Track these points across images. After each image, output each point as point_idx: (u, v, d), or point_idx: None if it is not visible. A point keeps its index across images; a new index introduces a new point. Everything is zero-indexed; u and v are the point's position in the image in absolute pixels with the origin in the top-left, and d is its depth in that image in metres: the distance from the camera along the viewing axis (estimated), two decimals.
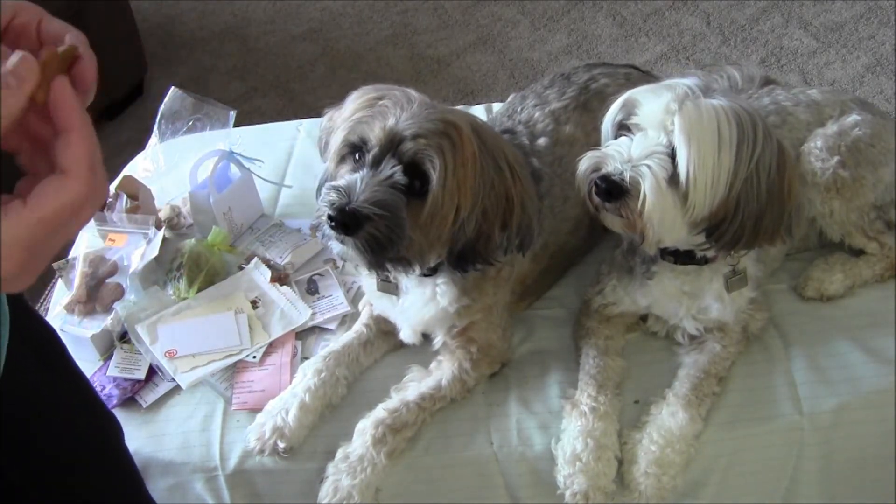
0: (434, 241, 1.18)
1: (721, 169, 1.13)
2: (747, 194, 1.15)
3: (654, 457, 1.24)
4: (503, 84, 3.20)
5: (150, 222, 1.65)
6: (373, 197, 1.11)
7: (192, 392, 1.41)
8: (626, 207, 1.16)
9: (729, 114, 1.14)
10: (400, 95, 1.18)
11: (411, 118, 1.14)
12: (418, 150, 1.12)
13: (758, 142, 1.15)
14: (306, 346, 1.48)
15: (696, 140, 1.12)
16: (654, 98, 1.17)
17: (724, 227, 1.17)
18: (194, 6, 3.77)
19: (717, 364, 1.33)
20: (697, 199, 1.14)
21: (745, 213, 1.16)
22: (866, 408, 1.32)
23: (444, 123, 1.15)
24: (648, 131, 1.17)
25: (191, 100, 1.83)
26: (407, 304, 1.35)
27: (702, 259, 1.27)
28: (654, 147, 1.15)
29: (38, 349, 0.99)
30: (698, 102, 1.14)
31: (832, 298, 1.45)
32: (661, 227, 1.16)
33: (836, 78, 3.04)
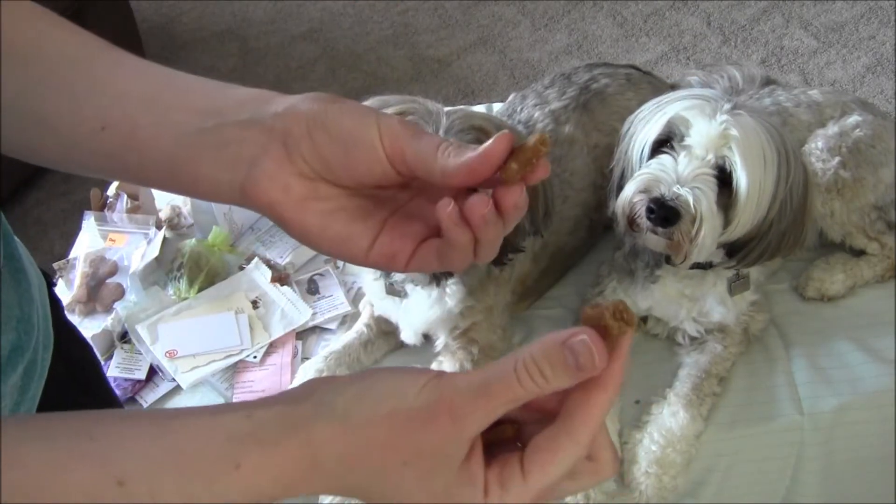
0: None
1: (765, 190, 1.13)
2: (780, 215, 1.15)
3: (654, 456, 1.24)
4: (503, 84, 3.20)
5: (150, 222, 1.65)
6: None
7: (192, 392, 1.41)
8: (678, 231, 1.13)
9: (768, 135, 1.13)
10: (421, 109, 1.16)
11: (447, 133, 1.12)
12: None
13: (791, 162, 1.14)
14: (307, 346, 1.48)
15: (749, 162, 1.11)
16: (706, 119, 1.13)
17: (751, 247, 1.17)
18: (194, 6, 3.77)
19: (717, 364, 1.33)
20: (743, 221, 1.13)
21: (773, 233, 1.16)
22: (866, 408, 1.32)
23: (476, 131, 1.14)
24: (695, 150, 1.14)
25: None
26: (411, 305, 1.34)
27: (707, 264, 1.27)
28: (702, 168, 1.12)
29: (76, 370, 0.97)
30: (745, 122, 1.12)
31: (833, 299, 1.45)
32: (703, 247, 1.14)
33: (836, 78, 3.04)
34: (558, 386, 0.49)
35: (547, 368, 0.49)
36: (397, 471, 0.50)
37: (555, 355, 0.49)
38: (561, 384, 0.49)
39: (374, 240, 0.57)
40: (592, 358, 0.49)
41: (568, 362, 0.49)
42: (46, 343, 0.79)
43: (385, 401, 0.50)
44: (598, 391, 0.50)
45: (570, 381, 0.49)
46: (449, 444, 0.49)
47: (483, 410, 0.49)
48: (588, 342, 0.49)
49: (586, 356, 0.49)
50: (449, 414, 0.49)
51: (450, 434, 0.49)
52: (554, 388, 0.50)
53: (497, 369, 0.50)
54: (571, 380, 0.49)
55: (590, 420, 0.50)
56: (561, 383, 0.49)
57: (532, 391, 0.49)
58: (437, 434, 0.49)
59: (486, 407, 0.49)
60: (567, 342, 0.49)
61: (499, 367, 0.50)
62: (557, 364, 0.49)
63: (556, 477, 0.50)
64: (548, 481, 0.50)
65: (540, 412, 0.53)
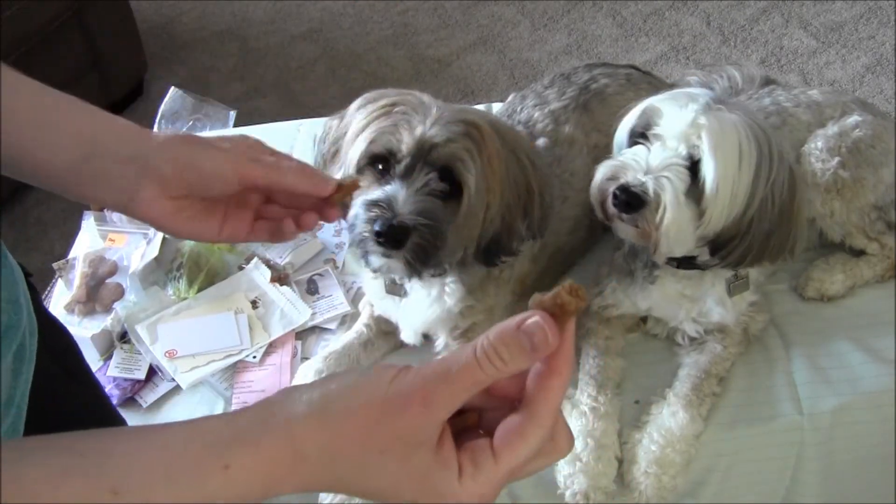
0: (469, 240, 1.18)
1: (740, 185, 1.13)
2: (760, 214, 1.15)
3: (654, 456, 1.24)
4: (503, 84, 3.20)
5: None
6: (417, 208, 1.09)
7: (192, 392, 1.41)
8: (643, 219, 1.14)
9: (748, 131, 1.13)
10: (413, 100, 1.16)
11: (436, 123, 1.12)
12: (451, 155, 1.12)
13: (773, 162, 1.14)
14: (306, 346, 1.48)
15: (721, 154, 1.11)
16: (678, 108, 1.15)
17: (732, 245, 1.17)
18: (194, 6, 3.77)
19: (717, 364, 1.32)
20: (715, 214, 1.13)
21: (755, 233, 1.15)
22: (866, 408, 1.32)
23: (466, 125, 1.14)
24: (668, 141, 1.15)
25: (191, 100, 1.84)
26: (411, 305, 1.34)
27: (704, 264, 1.27)
28: (673, 158, 1.14)
29: (60, 357, 0.99)
30: (721, 116, 1.13)
31: (833, 299, 1.45)
32: (675, 239, 1.15)
33: (836, 78, 3.04)
34: (516, 367, 0.54)
35: (504, 351, 0.54)
36: (376, 459, 0.53)
37: (511, 339, 0.54)
38: (518, 365, 0.54)
39: (222, 225, 0.82)
40: (546, 337, 0.53)
41: (524, 344, 0.54)
42: (32, 329, 0.81)
43: (360, 393, 0.54)
44: (554, 377, 0.56)
45: (527, 361, 0.55)
46: (423, 428, 0.53)
47: (450, 394, 0.54)
48: (540, 322, 0.54)
49: (540, 336, 0.53)
50: (420, 400, 0.53)
51: (423, 419, 0.53)
52: (512, 370, 0.54)
53: (459, 356, 0.55)
54: (527, 360, 0.55)
55: (551, 404, 0.56)
56: (518, 364, 0.54)
57: (492, 374, 0.54)
58: (411, 420, 0.53)
59: (452, 391, 0.54)
60: (521, 326, 0.54)
61: (461, 354, 0.55)
62: (514, 347, 0.54)
63: (524, 458, 0.55)
64: (517, 461, 0.55)
65: (500, 399, 0.58)
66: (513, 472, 0.56)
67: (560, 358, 0.55)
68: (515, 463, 0.55)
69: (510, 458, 0.55)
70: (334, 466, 0.54)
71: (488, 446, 0.55)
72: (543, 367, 0.56)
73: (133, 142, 0.77)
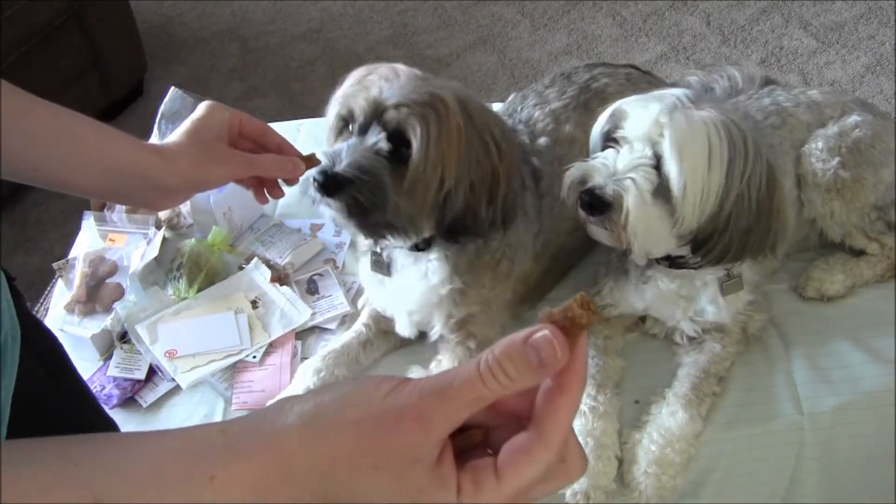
0: (420, 208, 1.19)
1: (711, 184, 1.13)
2: (738, 211, 1.14)
3: (654, 456, 1.24)
4: (503, 84, 3.20)
5: (149, 222, 1.65)
6: (355, 162, 1.14)
7: (192, 392, 1.41)
8: (609, 221, 1.16)
9: (720, 128, 1.13)
10: (387, 70, 1.22)
11: (396, 89, 1.17)
12: (401, 119, 1.15)
13: (749, 158, 1.14)
14: (306, 346, 1.48)
15: (686, 153, 1.12)
16: (642, 109, 1.16)
17: (711, 243, 1.17)
18: (194, 6, 3.77)
19: (716, 364, 1.32)
20: (686, 213, 1.14)
21: (733, 230, 1.15)
22: (866, 408, 1.32)
23: (430, 96, 1.16)
24: (634, 143, 1.16)
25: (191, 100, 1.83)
26: (399, 283, 1.35)
27: (688, 262, 1.27)
28: (639, 160, 1.15)
29: (46, 360, 0.99)
30: (689, 114, 1.14)
31: (832, 299, 1.45)
32: (647, 239, 1.17)
33: (836, 78, 3.04)
34: (522, 384, 0.50)
35: (510, 367, 0.50)
36: (369, 475, 0.50)
37: (517, 354, 0.50)
38: (525, 382, 0.50)
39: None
40: (554, 352, 0.49)
41: (530, 359, 0.50)
42: (14, 334, 0.81)
43: (352, 407, 0.51)
44: (563, 395, 0.51)
45: (534, 378, 0.50)
46: (417, 446, 0.50)
47: (449, 411, 0.50)
48: (549, 337, 0.50)
49: (548, 351, 0.49)
50: (415, 417, 0.50)
51: (418, 436, 0.50)
52: (518, 387, 0.50)
53: (461, 371, 0.51)
54: (535, 377, 0.50)
55: (560, 423, 0.51)
56: (525, 381, 0.50)
57: (496, 391, 0.50)
58: (405, 437, 0.50)
59: (451, 408, 0.50)
60: (529, 340, 0.50)
61: (463, 369, 0.51)
62: (520, 362, 0.50)
63: (529, 480, 0.51)
64: (521, 484, 0.51)
65: (507, 416, 0.54)
66: (517, 495, 0.51)
67: (571, 374, 0.51)
68: (520, 485, 0.51)
69: (514, 479, 0.51)
70: (325, 481, 0.51)
71: (491, 466, 0.51)
72: (553, 383, 0.52)
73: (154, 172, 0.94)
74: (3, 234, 2.79)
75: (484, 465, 0.52)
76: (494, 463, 0.51)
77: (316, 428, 0.51)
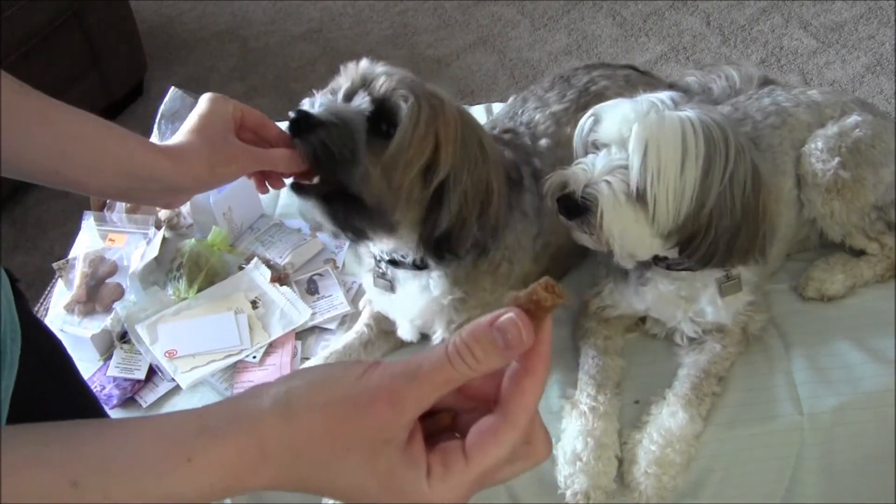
0: (396, 191, 1.14)
1: (686, 182, 1.13)
2: (721, 210, 1.14)
3: (654, 456, 1.24)
4: (503, 84, 3.20)
5: (149, 222, 1.65)
6: (331, 107, 1.11)
7: (192, 392, 1.41)
8: (587, 224, 1.17)
9: (696, 126, 1.13)
10: (364, 68, 1.18)
11: (388, 68, 1.16)
12: (389, 87, 1.12)
13: (730, 157, 1.14)
14: (306, 347, 1.48)
15: (654, 152, 1.12)
16: (613, 112, 1.18)
17: (696, 243, 1.17)
18: (194, 6, 3.77)
19: (717, 364, 1.32)
20: (660, 212, 1.14)
21: (717, 230, 1.15)
22: (866, 408, 1.32)
23: (425, 89, 1.15)
24: (612, 147, 1.18)
25: (191, 100, 1.83)
26: (402, 296, 1.35)
27: (688, 265, 1.27)
28: (615, 162, 1.16)
29: (47, 361, 0.99)
30: (662, 114, 1.14)
31: (833, 299, 1.45)
32: (627, 241, 1.17)
33: (836, 78, 3.04)
34: (489, 366, 0.52)
35: (477, 349, 0.52)
36: (341, 457, 0.52)
37: (483, 336, 0.52)
38: (492, 364, 0.52)
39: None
40: (519, 333, 0.51)
41: (496, 341, 0.51)
42: (14, 336, 0.81)
43: (324, 390, 0.52)
44: (529, 377, 0.53)
45: (500, 359, 0.52)
46: (388, 428, 0.52)
47: (419, 393, 0.52)
48: (514, 318, 0.52)
49: (514, 332, 0.51)
50: (387, 399, 0.52)
51: (388, 418, 0.51)
52: (485, 369, 0.52)
53: (431, 354, 0.53)
54: (501, 359, 0.52)
55: (525, 405, 0.53)
56: (491, 363, 0.52)
57: (464, 373, 0.52)
58: (376, 419, 0.51)
59: (421, 390, 0.52)
60: (495, 323, 0.52)
61: (433, 353, 0.53)
62: (487, 344, 0.52)
63: (496, 460, 0.53)
64: (489, 464, 0.53)
65: (474, 399, 0.56)
66: (485, 475, 0.53)
67: (536, 357, 0.53)
68: (487, 465, 0.53)
69: (481, 459, 0.53)
70: (299, 464, 0.52)
71: (460, 448, 0.53)
72: (519, 366, 0.54)
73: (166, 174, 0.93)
74: (3, 234, 2.80)
75: (453, 447, 0.53)
76: (463, 445, 0.53)
77: (289, 410, 0.52)
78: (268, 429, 0.52)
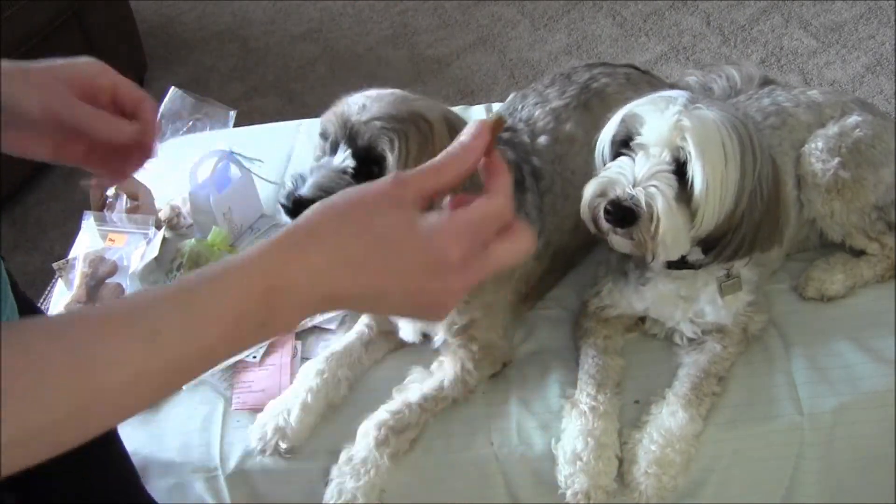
0: None
1: (729, 182, 1.13)
2: (751, 207, 1.15)
3: (654, 456, 1.24)
4: (503, 84, 3.21)
5: (150, 222, 1.65)
6: (317, 183, 1.12)
7: (192, 392, 1.41)
8: (638, 231, 1.14)
9: (728, 127, 1.13)
10: (374, 91, 1.19)
11: (370, 106, 1.15)
12: (372, 134, 1.13)
13: (757, 154, 1.14)
14: (306, 347, 1.48)
15: (706, 154, 1.11)
16: (658, 113, 1.15)
17: (725, 241, 1.17)
18: (194, 6, 3.77)
19: (717, 364, 1.32)
20: (707, 214, 1.13)
21: (746, 226, 1.16)
22: (866, 408, 1.32)
23: (411, 114, 1.15)
24: (651, 149, 1.15)
25: (191, 100, 1.84)
26: None
27: (695, 264, 1.27)
28: (658, 166, 1.13)
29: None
30: (701, 115, 1.13)
31: (833, 299, 1.45)
32: (672, 245, 1.15)
33: (836, 78, 3.04)
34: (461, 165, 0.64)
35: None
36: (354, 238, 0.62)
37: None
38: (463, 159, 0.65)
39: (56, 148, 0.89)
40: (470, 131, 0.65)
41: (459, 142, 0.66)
42: (12, 316, 0.83)
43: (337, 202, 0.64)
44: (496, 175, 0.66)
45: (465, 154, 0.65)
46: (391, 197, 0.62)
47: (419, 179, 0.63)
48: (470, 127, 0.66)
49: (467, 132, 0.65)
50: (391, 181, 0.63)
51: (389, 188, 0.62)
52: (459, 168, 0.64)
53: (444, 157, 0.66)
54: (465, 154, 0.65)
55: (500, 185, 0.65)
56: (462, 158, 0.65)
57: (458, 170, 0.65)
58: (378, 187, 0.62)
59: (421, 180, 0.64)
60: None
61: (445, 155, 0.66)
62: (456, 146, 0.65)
63: (479, 214, 0.63)
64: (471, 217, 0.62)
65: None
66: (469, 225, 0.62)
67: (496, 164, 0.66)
68: (469, 217, 0.62)
69: (464, 213, 0.62)
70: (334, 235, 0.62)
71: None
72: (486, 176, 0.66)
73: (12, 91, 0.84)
74: (3, 234, 2.80)
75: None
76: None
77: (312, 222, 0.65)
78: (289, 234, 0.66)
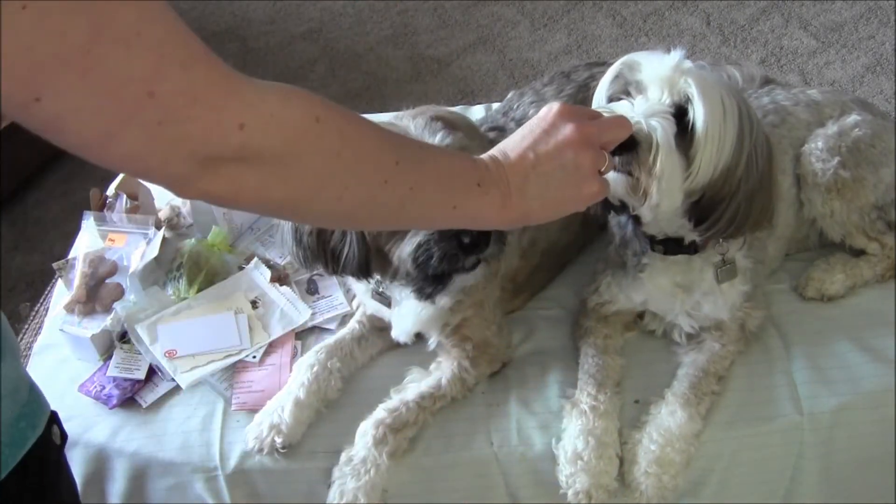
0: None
1: (727, 135, 1.12)
2: (747, 174, 1.14)
3: (654, 456, 1.24)
4: (503, 84, 3.21)
5: (149, 222, 1.65)
6: None
7: (192, 392, 1.41)
8: (636, 161, 1.12)
9: (726, 89, 1.14)
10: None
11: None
12: None
13: (753, 122, 1.15)
14: (306, 347, 1.47)
15: (708, 99, 1.11)
16: (658, 58, 1.15)
17: (720, 212, 1.16)
18: (194, 6, 3.77)
19: (716, 363, 1.32)
20: (704, 161, 1.12)
21: (741, 197, 1.15)
22: (866, 408, 1.32)
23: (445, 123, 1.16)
24: (650, 90, 1.15)
25: None
26: (402, 310, 1.35)
27: (691, 247, 1.27)
28: (657, 107, 1.13)
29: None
30: (701, 69, 1.15)
31: (833, 299, 1.45)
32: (665, 187, 1.12)
33: (836, 78, 3.04)
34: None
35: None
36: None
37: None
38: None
39: None
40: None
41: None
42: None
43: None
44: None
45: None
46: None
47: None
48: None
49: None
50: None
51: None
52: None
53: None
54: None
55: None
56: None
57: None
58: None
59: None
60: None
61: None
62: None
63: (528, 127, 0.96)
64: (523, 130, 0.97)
65: None
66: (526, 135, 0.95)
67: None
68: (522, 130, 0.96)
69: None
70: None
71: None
72: None
73: None
74: (3, 234, 2.80)
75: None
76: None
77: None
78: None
